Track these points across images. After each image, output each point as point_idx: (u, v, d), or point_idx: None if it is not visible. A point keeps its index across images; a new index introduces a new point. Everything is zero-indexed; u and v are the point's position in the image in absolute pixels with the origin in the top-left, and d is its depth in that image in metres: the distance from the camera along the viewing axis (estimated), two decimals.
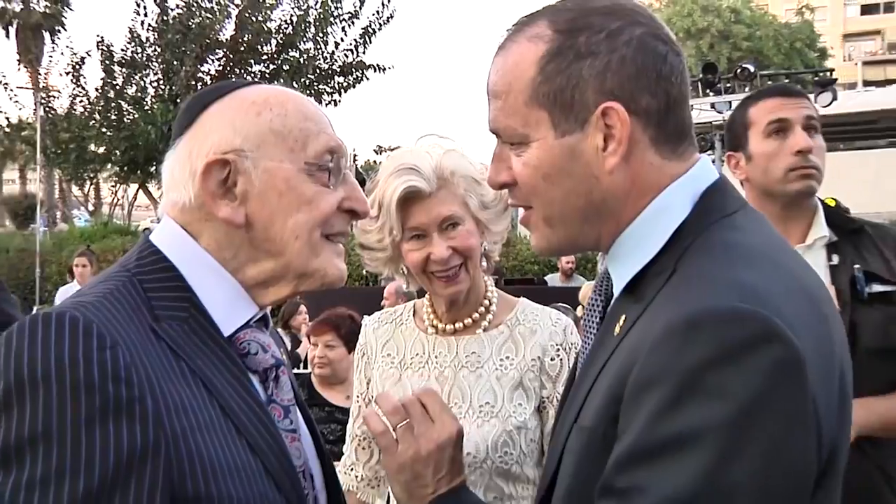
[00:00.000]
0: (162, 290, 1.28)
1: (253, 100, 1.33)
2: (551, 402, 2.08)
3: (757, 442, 1.02)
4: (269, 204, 1.30)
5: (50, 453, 1.08)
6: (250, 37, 22.01)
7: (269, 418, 1.31)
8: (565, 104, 1.22)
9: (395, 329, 2.24)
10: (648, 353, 1.09)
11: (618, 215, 1.26)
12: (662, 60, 1.23)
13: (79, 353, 1.11)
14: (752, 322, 1.04)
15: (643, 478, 1.06)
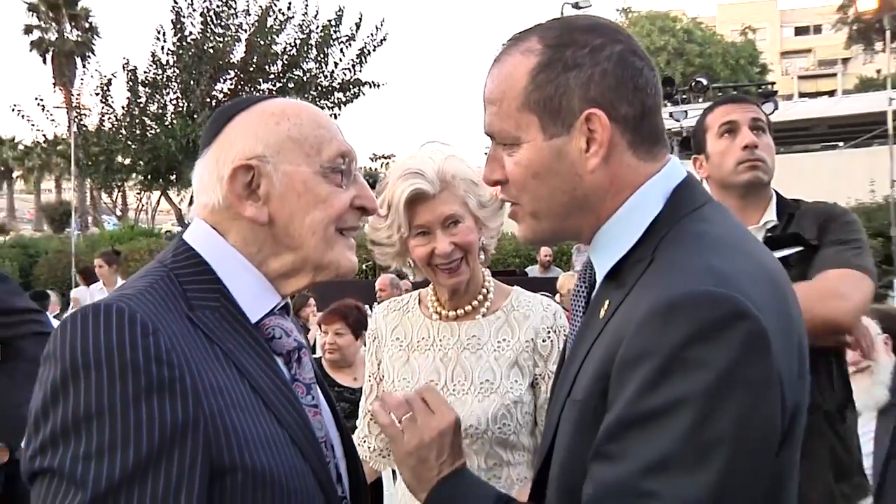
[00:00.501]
0: (196, 283, 1.28)
1: (272, 111, 1.34)
2: (543, 378, 2.10)
3: (732, 405, 1.04)
4: (289, 203, 1.31)
5: (103, 428, 1.08)
6: (258, 58, 22.04)
7: (294, 395, 1.32)
8: (553, 110, 1.23)
9: (402, 316, 2.25)
10: (633, 334, 1.10)
11: (597, 210, 1.27)
12: (639, 73, 1.24)
13: (125, 339, 1.11)
14: (724, 303, 1.06)
15: (631, 443, 1.07)
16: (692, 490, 1.02)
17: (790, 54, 69.85)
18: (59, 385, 1.11)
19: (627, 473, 1.06)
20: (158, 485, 1.09)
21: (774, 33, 68.38)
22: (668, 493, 1.03)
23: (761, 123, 2.51)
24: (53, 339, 1.15)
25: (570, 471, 1.19)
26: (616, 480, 1.07)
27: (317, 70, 22.45)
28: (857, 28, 24.83)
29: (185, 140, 21.07)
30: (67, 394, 1.10)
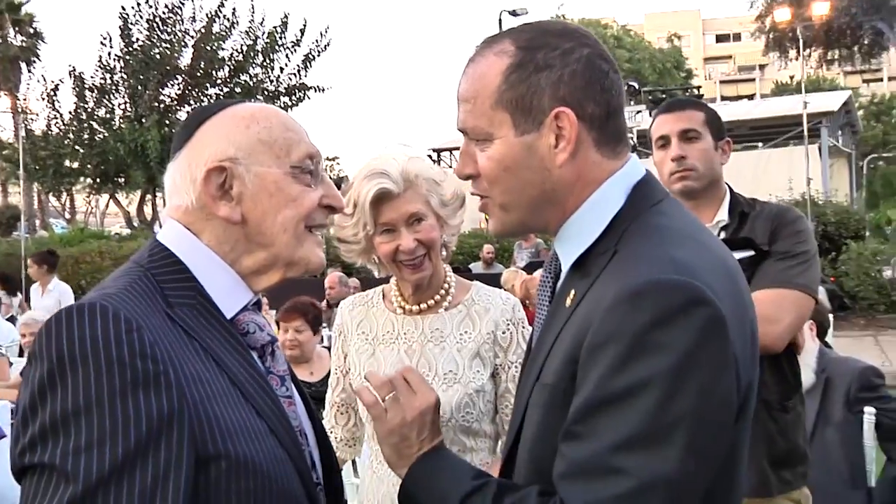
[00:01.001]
0: (172, 282, 1.28)
1: (242, 115, 1.34)
2: (503, 368, 2.13)
3: (693, 385, 1.08)
4: (261, 203, 1.31)
5: (91, 422, 1.08)
6: (205, 64, 21.71)
7: (269, 386, 1.33)
8: (525, 108, 1.25)
9: (367, 311, 2.25)
10: (600, 320, 1.13)
11: (563, 203, 1.29)
12: (605, 76, 1.27)
13: (110, 336, 1.11)
14: (685, 290, 1.10)
15: (600, 422, 1.10)
16: (658, 465, 1.06)
17: (712, 60, 71.49)
18: (46, 382, 1.10)
19: (596, 451, 1.09)
20: (147, 475, 1.09)
21: (698, 41, 69.86)
22: (635, 468, 1.07)
23: (691, 132, 2.51)
24: (39, 337, 1.14)
25: (540, 450, 1.22)
26: (585, 458, 1.11)
27: (263, 75, 22.20)
28: (773, 37, 25.51)
29: (133, 144, 20.65)
30: (55, 390, 1.09)
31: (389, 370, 2.09)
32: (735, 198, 2.58)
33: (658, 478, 1.07)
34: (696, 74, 52.25)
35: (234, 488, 1.18)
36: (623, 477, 1.07)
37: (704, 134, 2.54)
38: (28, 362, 1.15)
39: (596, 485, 1.09)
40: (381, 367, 2.12)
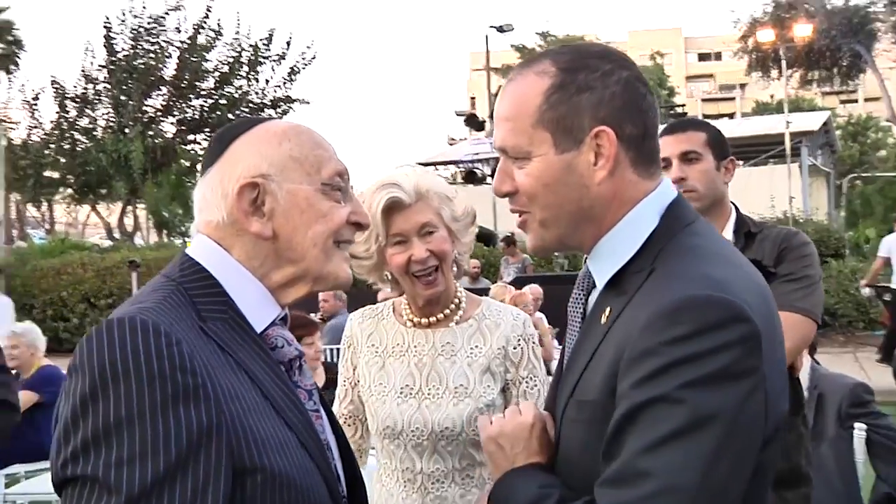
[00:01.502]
0: (205, 296, 1.29)
1: (274, 132, 1.36)
2: (514, 383, 2.14)
3: (726, 396, 1.10)
4: (292, 219, 1.33)
5: (133, 435, 1.09)
6: (190, 75, 21.69)
7: (299, 400, 1.34)
8: (566, 128, 1.28)
9: (377, 323, 2.26)
10: (638, 335, 1.16)
11: (600, 221, 1.32)
12: (643, 98, 1.30)
13: (151, 349, 1.12)
14: (723, 306, 1.13)
15: (633, 432, 1.13)
16: (683, 469, 1.08)
17: (694, 78, 72.23)
18: (88, 395, 1.11)
19: (626, 458, 1.12)
20: (186, 488, 1.10)
21: (680, 59, 70.55)
22: (660, 470, 1.09)
23: (691, 153, 2.54)
24: (80, 350, 1.15)
25: (584, 465, 1.24)
26: (617, 466, 1.13)
27: (248, 87, 22.22)
28: (756, 57, 25.90)
29: (115, 155, 20.55)
30: (97, 403, 1.10)
31: (399, 383, 2.12)
32: (741, 218, 2.59)
33: (683, 482, 1.08)
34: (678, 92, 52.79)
35: (269, 501, 1.19)
36: (648, 479, 1.09)
37: (705, 155, 2.56)
38: (68, 375, 1.16)
39: (624, 488, 1.11)
40: (391, 379, 2.13)
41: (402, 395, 2.11)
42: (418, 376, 2.12)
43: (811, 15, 23.11)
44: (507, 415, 1.43)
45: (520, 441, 1.39)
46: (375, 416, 2.11)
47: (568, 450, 1.32)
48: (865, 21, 23.41)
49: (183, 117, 22.65)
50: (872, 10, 23.49)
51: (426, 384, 2.11)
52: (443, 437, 2.04)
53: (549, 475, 1.33)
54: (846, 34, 23.19)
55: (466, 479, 2.08)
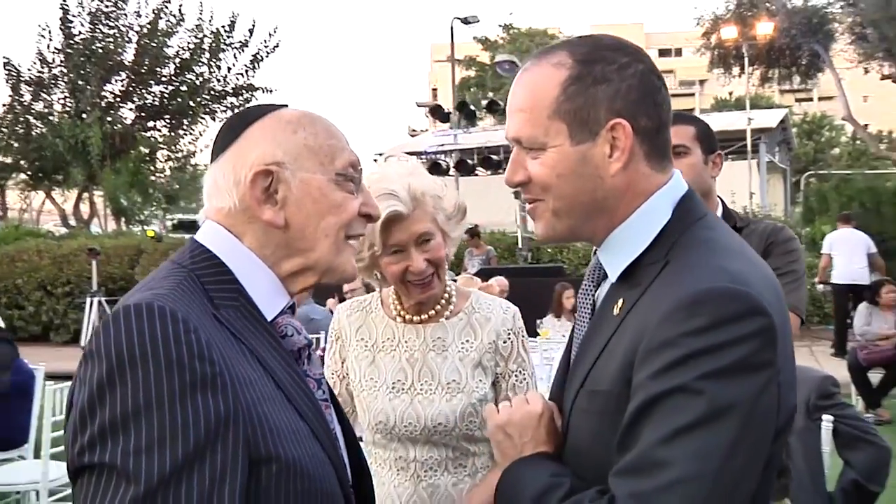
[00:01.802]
0: (216, 283, 1.28)
1: (288, 119, 1.34)
2: (504, 377, 2.14)
3: (743, 388, 1.11)
4: (304, 208, 1.31)
5: (152, 422, 1.07)
6: (150, 60, 21.30)
7: (310, 389, 1.33)
8: (582, 119, 1.28)
9: (366, 316, 2.23)
10: (656, 327, 1.16)
11: (613, 213, 1.32)
12: (657, 91, 1.31)
13: (169, 336, 1.10)
14: (742, 298, 1.14)
15: (650, 422, 1.13)
16: (702, 460, 1.09)
17: None
18: (105, 381, 1.09)
19: (643, 448, 1.13)
20: (205, 476, 1.09)
21: None
22: (679, 460, 1.09)
23: (680, 147, 2.53)
24: (96, 336, 1.12)
25: (596, 455, 1.25)
26: (634, 455, 1.14)
27: (209, 74, 21.90)
28: (718, 54, 26.27)
29: (73, 140, 20.12)
30: (115, 389, 1.08)
31: (390, 378, 2.11)
32: (727, 212, 2.61)
33: (701, 471, 1.09)
34: None
35: (283, 491, 1.18)
36: (667, 469, 1.09)
37: (693, 149, 2.58)
38: (83, 361, 1.13)
39: (642, 477, 1.12)
40: (382, 374, 2.12)
41: (394, 390, 2.10)
42: (410, 371, 2.11)
43: (772, 14, 23.50)
44: (515, 404, 1.43)
45: (528, 430, 1.39)
46: (367, 410, 2.10)
47: (578, 440, 1.32)
48: (824, 21, 23.88)
49: (143, 103, 22.25)
50: (830, 10, 23.96)
51: (418, 379, 2.10)
52: (436, 431, 2.04)
53: (559, 464, 1.34)
54: (805, 34, 23.63)
55: (459, 468, 2.08)
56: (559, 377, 1.48)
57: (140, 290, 1.24)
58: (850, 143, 42.21)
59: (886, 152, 27.08)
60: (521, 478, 1.35)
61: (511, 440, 1.40)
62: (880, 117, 45.32)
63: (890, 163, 25.09)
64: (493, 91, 36.84)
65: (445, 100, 34.85)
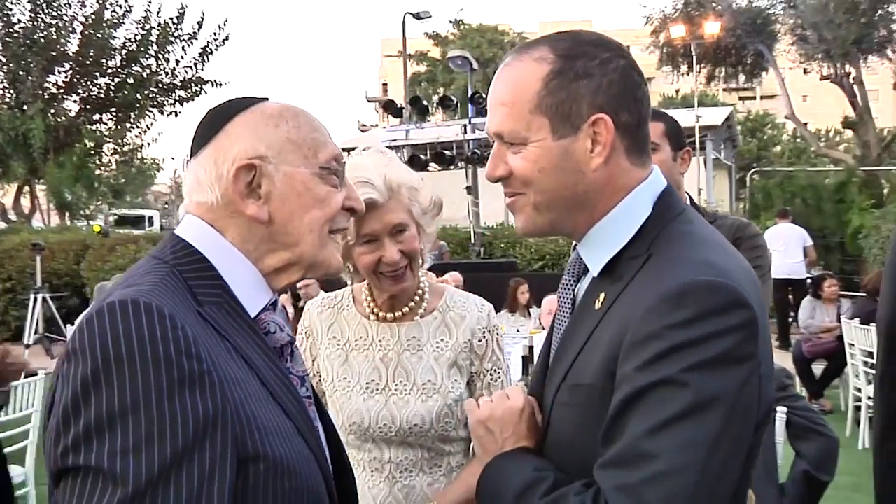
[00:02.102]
0: (200, 279, 1.25)
1: (270, 113, 1.32)
2: (479, 376, 2.11)
3: (727, 379, 1.14)
4: (288, 203, 1.30)
5: (139, 422, 1.05)
6: (95, 52, 20.72)
7: (294, 387, 1.32)
8: (564, 114, 1.29)
9: (337, 314, 2.18)
10: (641, 319, 1.18)
11: (593, 207, 1.33)
12: (638, 87, 1.32)
13: (156, 332, 1.08)
14: (726, 291, 1.16)
15: (635, 414, 1.15)
16: (688, 451, 1.11)
17: None
18: (90, 380, 1.06)
19: (629, 440, 1.14)
20: (193, 476, 1.07)
21: None
22: (665, 451, 1.11)
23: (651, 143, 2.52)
24: (79, 333, 1.09)
25: (579, 448, 1.27)
26: (620, 448, 1.15)
27: (157, 67, 21.41)
28: (666, 52, 26.69)
29: (13, 132, 19.49)
30: (100, 388, 1.05)
31: (364, 378, 2.07)
32: (695, 208, 2.61)
33: (688, 463, 1.10)
34: None
35: (271, 490, 1.17)
36: (653, 461, 1.11)
37: (662, 145, 2.59)
38: (65, 359, 1.10)
39: (628, 469, 1.13)
40: (356, 374, 2.08)
41: (368, 390, 2.06)
42: (384, 371, 2.07)
43: (719, 14, 23.96)
44: (496, 399, 1.44)
45: (509, 425, 1.40)
46: (341, 411, 2.06)
47: (560, 434, 1.33)
48: (767, 22, 24.44)
49: (88, 96, 21.66)
50: (773, 12, 24.53)
51: (392, 380, 2.06)
52: (411, 433, 2.02)
53: (542, 459, 1.34)
54: (750, 34, 24.15)
55: (434, 468, 2.06)
56: (539, 372, 1.49)
57: (121, 287, 1.21)
58: (791, 141, 43.28)
59: (826, 150, 27.83)
60: (504, 473, 1.35)
61: (492, 435, 1.41)
62: (817, 116, 46.54)
63: (828, 161, 25.79)
64: (444, 86, 36.86)
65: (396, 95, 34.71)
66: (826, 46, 22.37)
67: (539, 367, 1.51)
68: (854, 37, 21.95)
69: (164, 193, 43.30)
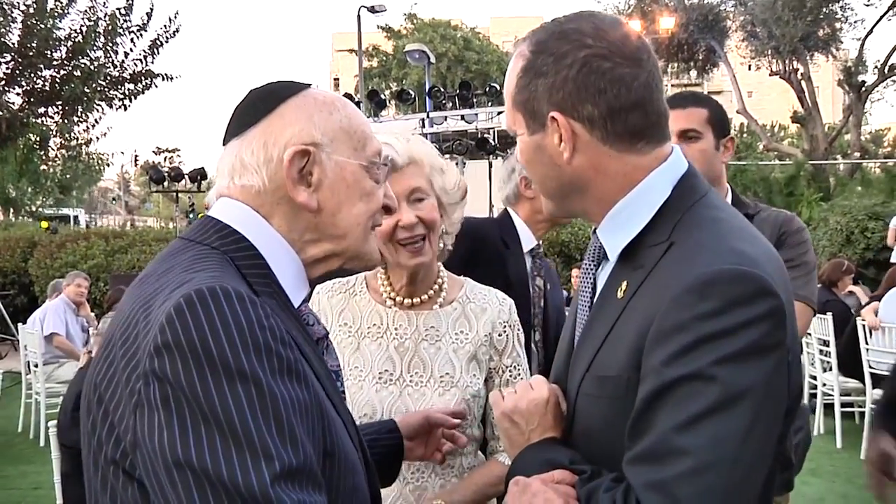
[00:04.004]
0: (251, 268, 1.20)
1: (323, 100, 1.29)
2: (497, 372, 2.07)
3: (757, 371, 1.13)
4: (337, 193, 1.26)
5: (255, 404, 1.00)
6: (39, 43, 20.09)
7: (335, 382, 1.31)
8: (531, 111, 1.33)
9: (349, 299, 2.10)
10: (667, 309, 1.16)
11: (590, 193, 1.33)
12: (602, 76, 1.27)
13: (252, 321, 1.04)
14: (752, 280, 1.15)
15: (665, 408, 1.13)
16: (719, 445, 1.09)
17: None
18: (194, 373, 0.99)
19: (659, 435, 1.12)
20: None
21: None
22: (696, 448, 1.09)
23: (692, 132, 2.40)
24: (171, 325, 1.01)
25: (607, 440, 1.25)
26: (650, 442, 1.13)
27: (105, 59, 20.86)
28: None
29: None
30: (206, 380, 0.99)
31: (377, 367, 1.99)
32: (737, 199, 2.49)
33: (719, 458, 1.09)
34: None
35: (341, 487, 1.15)
36: (684, 456, 1.09)
37: (705, 133, 2.43)
38: (157, 353, 1.02)
39: (659, 465, 1.11)
40: (368, 363, 2.01)
41: (381, 380, 1.98)
42: (399, 361, 1.99)
43: (672, 9, 24.30)
44: (520, 390, 1.42)
45: (535, 417, 1.38)
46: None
47: (586, 425, 1.32)
48: (718, 19, 24.87)
49: (32, 88, 21.01)
50: (724, 8, 24.97)
51: (408, 370, 1.98)
52: None
53: (572, 450, 1.33)
54: (702, 29, 24.54)
55: (447, 469, 1.99)
56: (562, 359, 1.47)
57: (184, 272, 1.12)
58: (738, 136, 44.20)
59: (776, 145, 28.46)
60: (534, 463, 1.32)
61: (518, 427, 1.39)
62: (762, 112, 47.61)
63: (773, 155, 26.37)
64: (397, 81, 36.71)
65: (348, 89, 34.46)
66: (775, 43, 22.86)
67: (561, 354, 1.49)
68: (801, 34, 22.47)
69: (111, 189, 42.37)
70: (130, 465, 1.03)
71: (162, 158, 49.65)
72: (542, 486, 1.25)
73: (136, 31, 20.75)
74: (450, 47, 38.98)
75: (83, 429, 1.13)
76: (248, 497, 0.94)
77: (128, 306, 1.13)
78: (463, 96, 14.69)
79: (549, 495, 1.24)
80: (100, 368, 1.09)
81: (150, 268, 1.20)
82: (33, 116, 21.01)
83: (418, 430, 1.73)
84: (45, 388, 7.97)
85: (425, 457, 1.73)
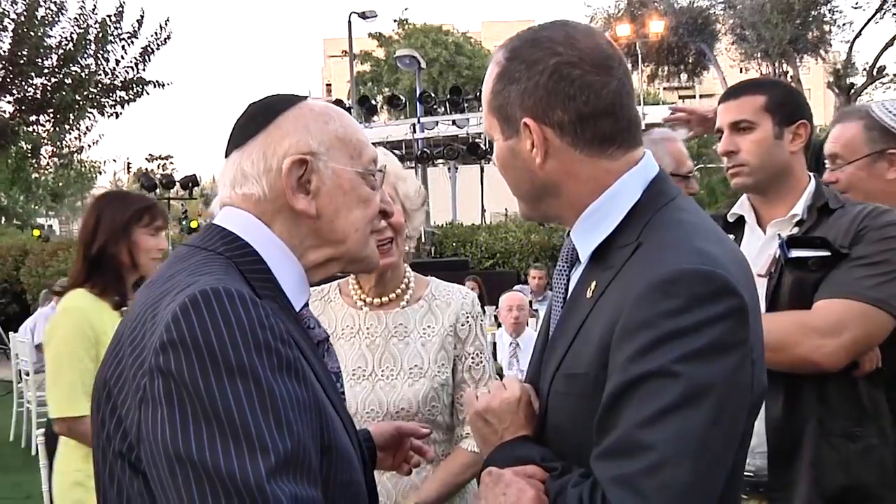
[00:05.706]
0: (254, 273, 1.25)
1: (319, 111, 1.34)
2: (460, 359, 2.20)
3: (719, 367, 1.15)
4: (335, 200, 1.31)
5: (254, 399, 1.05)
6: (29, 51, 20.08)
7: (335, 383, 1.36)
8: (505, 117, 1.35)
9: (325, 305, 2.26)
10: (631, 306, 1.19)
11: (562, 197, 1.36)
12: (571, 83, 1.29)
13: (253, 320, 1.09)
14: (714, 279, 1.17)
15: (629, 404, 1.16)
16: (682, 440, 1.12)
17: None
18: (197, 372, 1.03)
19: (624, 431, 1.15)
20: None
21: None
22: (660, 443, 1.12)
23: (744, 122, 2.22)
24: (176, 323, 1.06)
25: (577, 437, 1.27)
26: (615, 438, 1.16)
27: (97, 67, 20.85)
28: None
29: None
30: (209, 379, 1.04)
31: (350, 365, 2.13)
32: (820, 192, 2.22)
33: (683, 452, 1.12)
34: None
35: (338, 481, 1.19)
36: (649, 451, 1.12)
37: (760, 122, 2.22)
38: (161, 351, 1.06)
39: (624, 461, 1.14)
40: (342, 361, 2.04)
41: (355, 377, 2.12)
42: (370, 358, 2.14)
43: (661, 13, 24.44)
44: (493, 390, 1.45)
45: (507, 416, 1.40)
46: None
47: (556, 422, 1.35)
48: (708, 22, 25.01)
49: (23, 96, 21.00)
50: (713, 12, 25.13)
51: (379, 366, 2.13)
52: (399, 417, 2.05)
53: (543, 448, 1.36)
54: (692, 33, 24.68)
55: None
56: (535, 359, 1.50)
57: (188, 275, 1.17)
58: None
59: None
60: (507, 460, 1.35)
61: (491, 426, 1.42)
62: None
63: None
64: (389, 86, 36.79)
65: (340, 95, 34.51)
66: (764, 45, 22.99)
67: (535, 354, 1.52)
68: (790, 37, 22.60)
69: None
70: (136, 459, 1.08)
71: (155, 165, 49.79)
72: (515, 478, 1.29)
73: (127, 39, 20.77)
74: (441, 52, 39.06)
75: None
76: (244, 491, 0.99)
77: (137, 307, 1.19)
78: (454, 101, 14.77)
79: (522, 485, 1.27)
80: (109, 366, 1.15)
81: (159, 272, 1.26)
82: (25, 124, 20.99)
83: (389, 440, 1.78)
84: (36, 397, 7.95)
85: (393, 467, 1.79)
